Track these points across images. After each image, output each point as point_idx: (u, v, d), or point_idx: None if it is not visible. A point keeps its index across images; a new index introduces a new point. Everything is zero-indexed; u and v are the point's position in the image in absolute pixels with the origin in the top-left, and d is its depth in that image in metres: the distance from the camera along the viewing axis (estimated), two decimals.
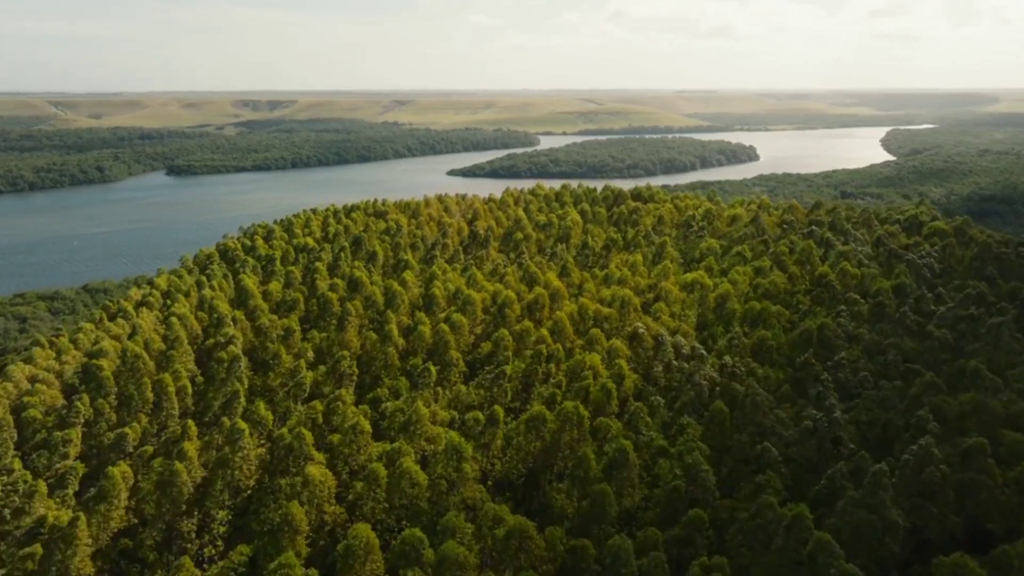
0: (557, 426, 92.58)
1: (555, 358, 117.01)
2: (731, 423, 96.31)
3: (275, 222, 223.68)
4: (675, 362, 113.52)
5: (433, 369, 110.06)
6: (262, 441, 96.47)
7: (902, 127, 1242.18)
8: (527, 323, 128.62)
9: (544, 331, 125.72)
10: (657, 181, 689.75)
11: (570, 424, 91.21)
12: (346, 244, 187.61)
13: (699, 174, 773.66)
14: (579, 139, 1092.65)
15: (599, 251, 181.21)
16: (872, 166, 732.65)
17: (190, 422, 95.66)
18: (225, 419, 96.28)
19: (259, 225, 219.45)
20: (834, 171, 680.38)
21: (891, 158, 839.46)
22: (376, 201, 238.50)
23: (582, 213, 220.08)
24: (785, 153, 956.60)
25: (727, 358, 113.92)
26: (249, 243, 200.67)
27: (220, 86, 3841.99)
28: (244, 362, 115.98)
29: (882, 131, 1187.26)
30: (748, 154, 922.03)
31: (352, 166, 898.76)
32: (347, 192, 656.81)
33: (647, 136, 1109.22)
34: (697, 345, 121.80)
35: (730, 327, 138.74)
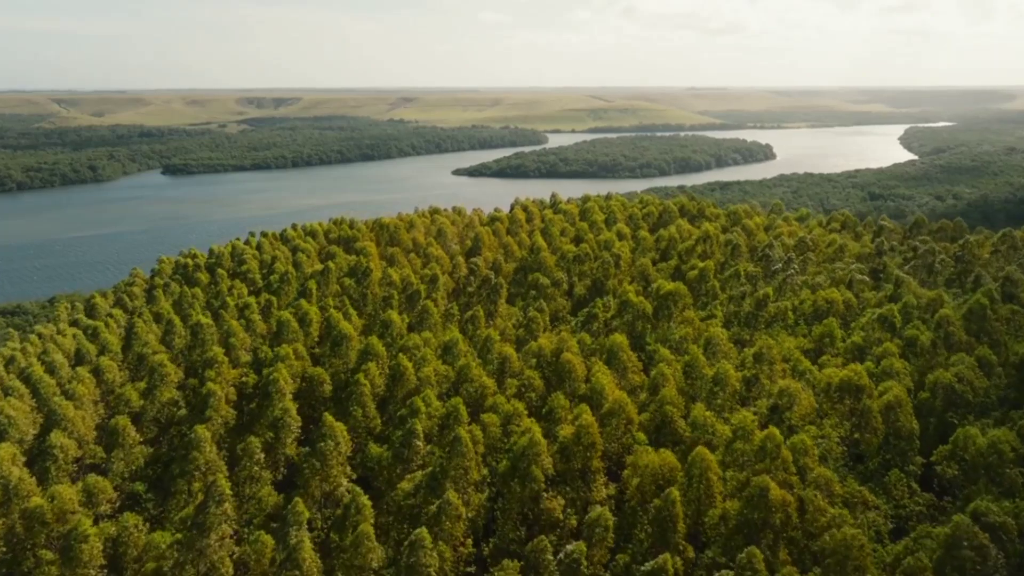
0: None
1: None
2: None
3: (209, 251, 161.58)
4: None
5: None
6: None
7: (921, 125, 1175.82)
8: (604, 513, 64.93)
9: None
10: (672, 181, 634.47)
11: None
12: (286, 295, 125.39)
13: (715, 173, 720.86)
14: (589, 137, 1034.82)
15: (654, 307, 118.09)
16: (896, 165, 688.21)
17: None
18: None
19: (188, 255, 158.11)
20: (858, 171, 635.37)
21: (913, 156, 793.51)
22: (344, 221, 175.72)
23: (620, 236, 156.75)
24: (802, 151, 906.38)
25: None
26: (165, 281, 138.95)
27: (226, 83, 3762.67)
28: None
29: (900, 129, 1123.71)
30: (765, 152, 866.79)
31: (355, 165, 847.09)
32: (342, 194, 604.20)
33: (659, 134, 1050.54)
34: None
35: (906, 463, 77.51)
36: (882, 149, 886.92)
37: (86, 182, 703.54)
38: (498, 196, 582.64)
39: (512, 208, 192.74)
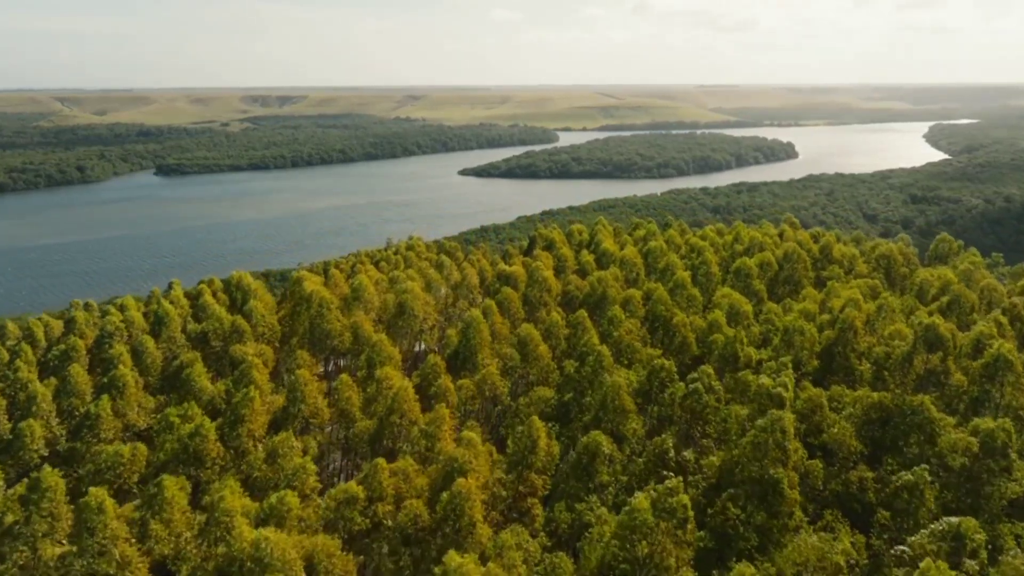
0: None
1: None
2: None
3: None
4: None
5: None
6: None
7: (944, 122, 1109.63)
8: None
9: None
10: (692, 182, 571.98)
11: None
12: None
13: (736, 173, 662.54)
14: (601, 135, 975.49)
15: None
16: (931, 164, 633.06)
17: None
18: None
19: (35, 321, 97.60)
20: (891, 170, 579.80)
21: (944, 155, 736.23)
22: (236, 284, 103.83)
23: (732, 317, 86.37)
24: (825, 150, 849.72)
25: None
26: None
27: (231, 82, 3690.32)
28: None
29: (922, 126, 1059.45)
30: (786, 151, 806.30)
31: (358, 164, 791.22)
32: (339, 196, 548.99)
33: (674, 132, 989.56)
34: None
35: None
36: (909, 147, 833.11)
37: (73, 183, 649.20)
38: (506, 198, 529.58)
39: (530, 247, 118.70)
